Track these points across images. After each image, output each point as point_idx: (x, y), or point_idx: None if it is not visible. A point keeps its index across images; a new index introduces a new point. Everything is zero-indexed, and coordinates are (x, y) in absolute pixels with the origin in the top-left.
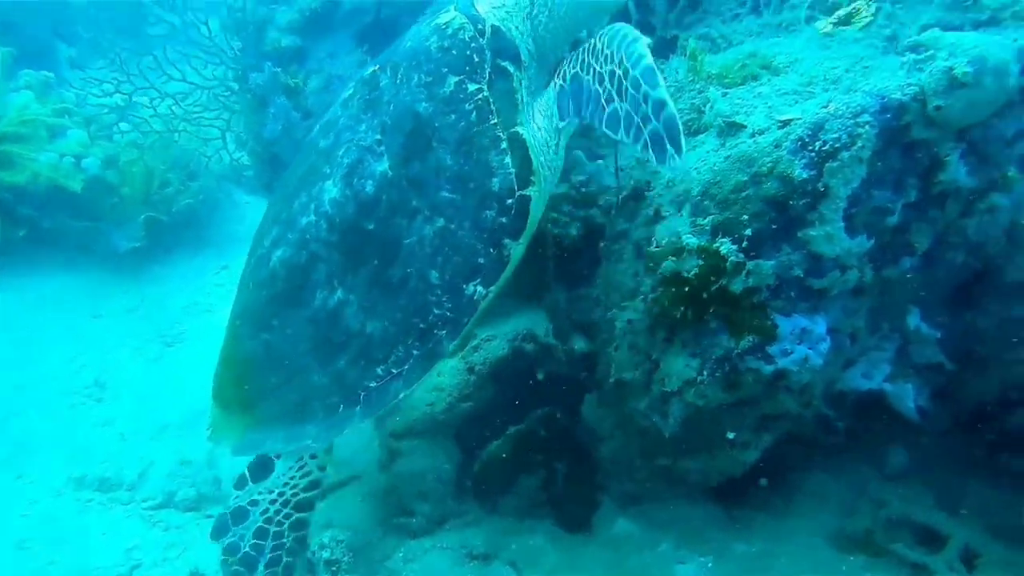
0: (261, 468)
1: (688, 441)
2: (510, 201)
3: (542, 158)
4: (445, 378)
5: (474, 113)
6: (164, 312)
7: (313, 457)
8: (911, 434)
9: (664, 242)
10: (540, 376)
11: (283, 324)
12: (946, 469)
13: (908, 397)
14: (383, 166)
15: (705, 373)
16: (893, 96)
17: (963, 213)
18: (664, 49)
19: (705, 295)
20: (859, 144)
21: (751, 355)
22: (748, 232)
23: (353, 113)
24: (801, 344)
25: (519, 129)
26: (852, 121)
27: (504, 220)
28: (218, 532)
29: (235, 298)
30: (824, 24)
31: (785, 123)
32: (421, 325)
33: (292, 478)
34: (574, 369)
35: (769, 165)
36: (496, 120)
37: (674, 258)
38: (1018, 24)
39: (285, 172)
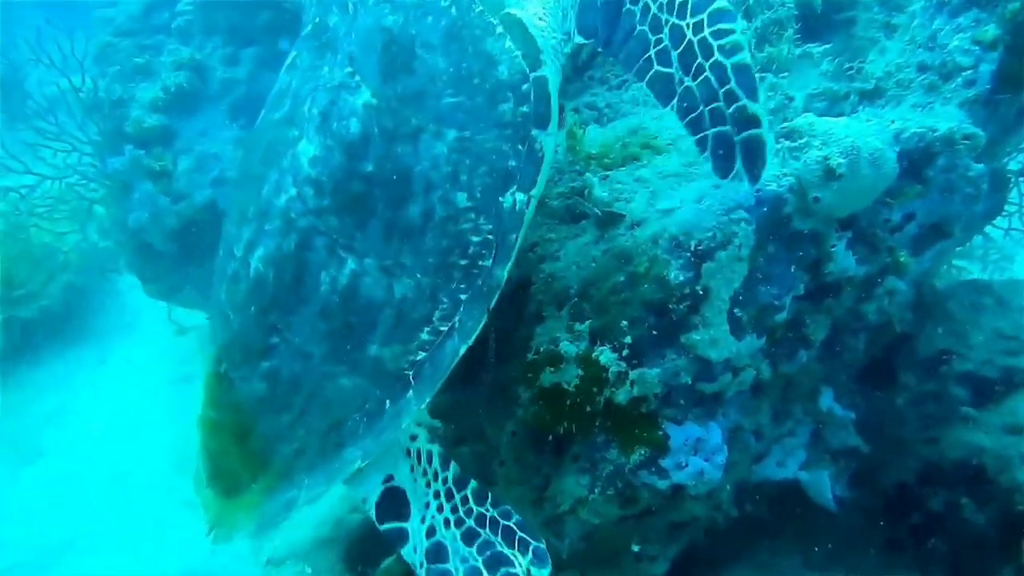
0: (391, 500)
1: (590, 557)
2: (525, 86)
3: (549, 41)
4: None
5: (453, 7)
6: (24, 422)
7: (413, 439)
8: (833, 520)
9: (543, 349)
10: None
11: (285, 338)
12: (870, 556)
13: (825, 486)
14: (364, 97)
15: (597, 491)
16: (769, 188)
17: (861, 299)
18: None
19: (589, 408)
20: (736, 242)
21: (644, 470)
22: (628, 340)
23: (306, 66)
24: (696, 455)
25: (510, 10)
26: (726, 218)
27: (525, 108)
28: None
29: (210, 348)
30: None
31: (666, 212)
32: (462, 261)
33: (433, 474)
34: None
35: (646, 265)
36: (481, 7)
37: (552, 368)
38: (901, 94)
39: (236, 173)
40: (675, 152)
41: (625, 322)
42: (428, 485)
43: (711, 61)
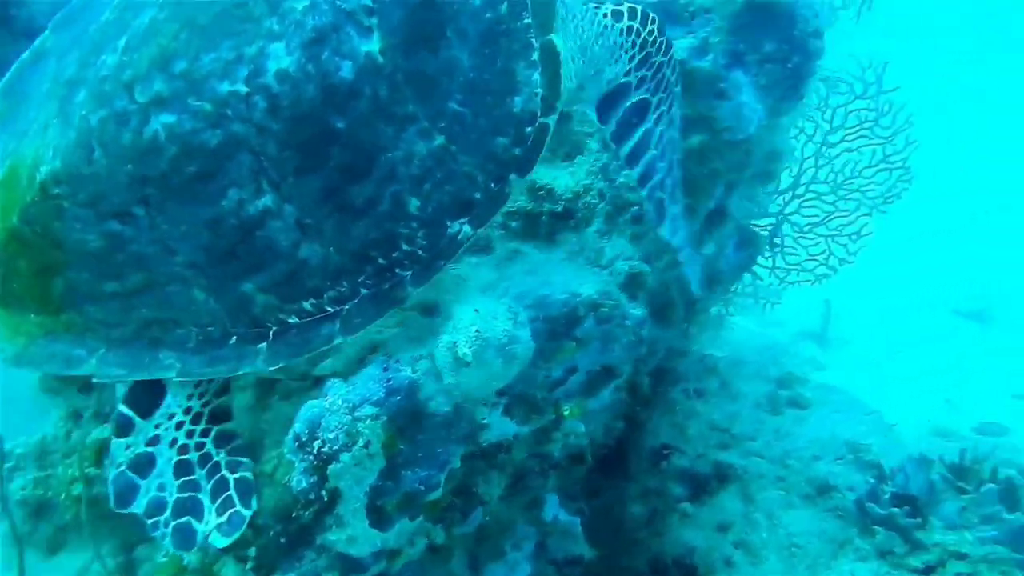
0: (147, 394)
1: None
2: (529, 129)
3: (569, 85)
4: None
5: (504, 4)
6: None
7: None
8: None
9: (166, 558)
10: None
11: (154, 220)
12: None
13: None
14: (372, 46)
15: None
16: (402, 375)
17: (540, 444)
18: None
19: None
20: (362, 442)
21: None
22: (251, 551)
23: None
24: None
25: (555, 38)
26: (350, 417)
27: (518, 152)
28: (121, 501)
29: (34, 144)
30: None
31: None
32: (381, 260)
33: (201, 394)
34: None
35: (274, 463)
36: (530, 20)
37: None
38: (589, 218)
39: None
40: None
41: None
42: (190, 397)
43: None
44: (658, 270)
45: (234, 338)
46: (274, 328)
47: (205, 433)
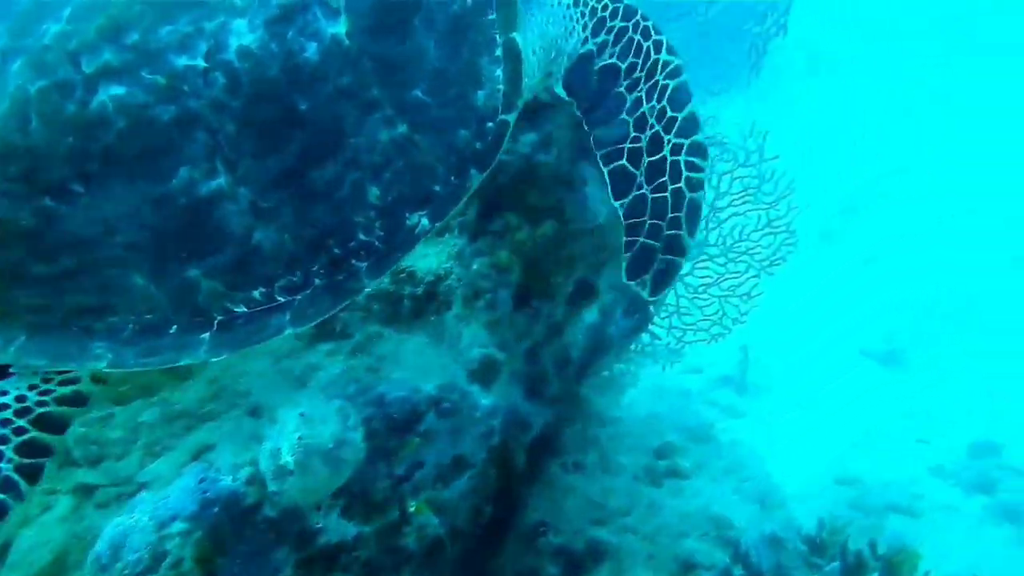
0: None
1: None
2: (490, 124)
3: (530, 82)
4: None
5: None
6: None
7: None
8: None
9: None
10: None
11: (95, 198)
12: None
13: None
14: (339, 28)
15: None
16: (221, 485)
17: (391, 538)
18: None
19: None
20: (169, 561)
21: None
22: None
23: None
24: None
25: (516, 37)
26: (156, 536)
27: (478, 145)
28: None
29: None
30: None
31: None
32: (336, 250)
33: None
34: None
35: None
36: (495, 16)
37: None
38: (449, 301)
39: None
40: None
41: None
42: (32, 388)
43: (675, 187)
44: (519, 354)
45: (174, 327)
46: (219, 317)
47: (20, 431)
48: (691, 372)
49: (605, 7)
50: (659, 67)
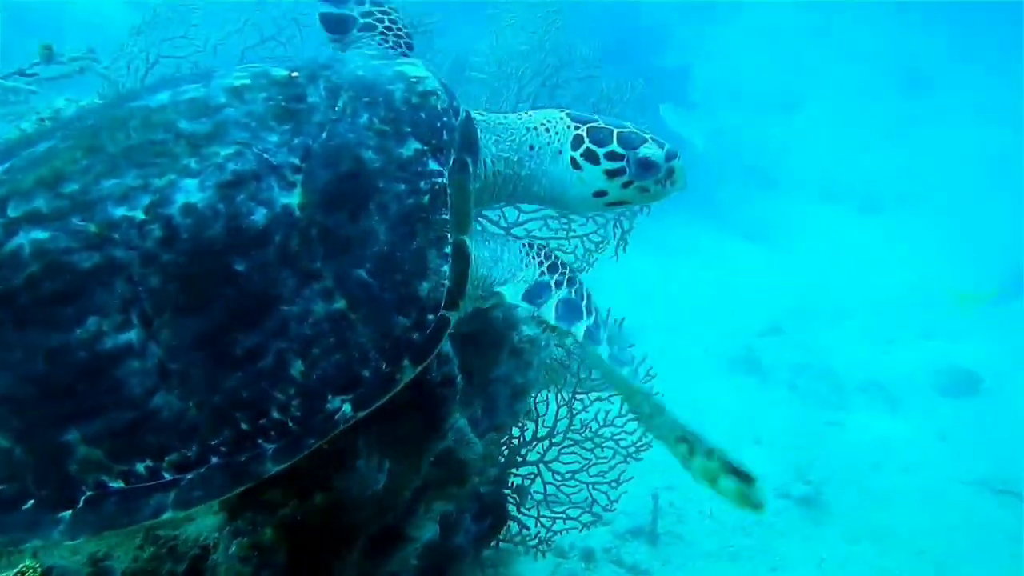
0: None
1: None
2: (431, 317)
3: (471, 289)
4: None
5: (428, 196)
6: None
7: None
8: None
9: None
10: None
11: None
12: None
13: None
14: (291, 199)
15: None
16: None
17: None
18: None
19: None
20: None
21: None
22: None
23: (258, 113)
24: None
25: (467, 240)
26: None
27: (416, 336)
28: None
29: None
30: None
31: None
32: (244, 425)
33: None
34: None
35: None
36: (448, 217)
37: None
38: None
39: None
40: None
41: None
42: None
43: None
44: None
45: (31, 501)
46: (89, 492)
47: None
48: (600, 525)
49: (553, 256)
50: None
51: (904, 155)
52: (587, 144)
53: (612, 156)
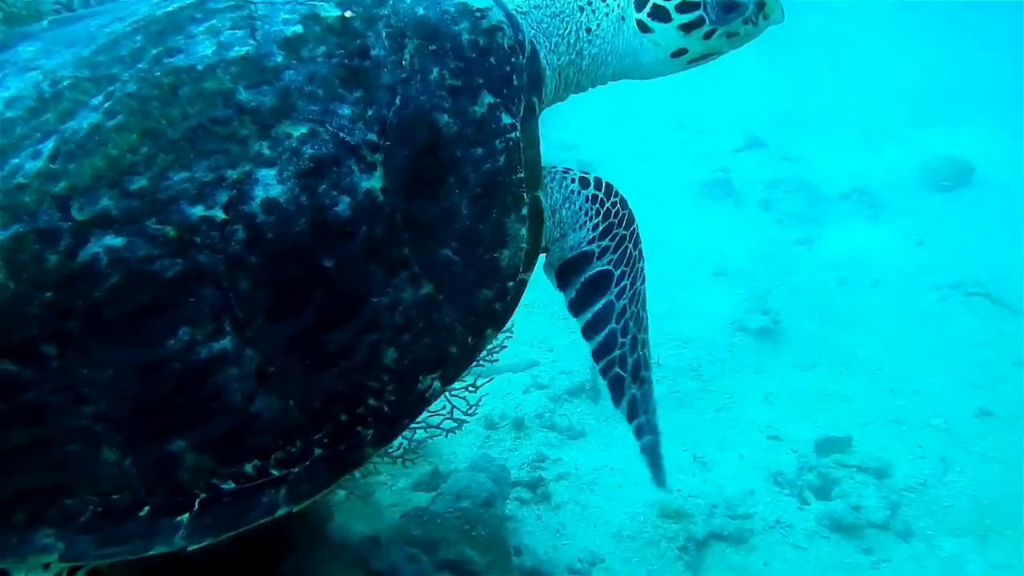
0: None
1: None
2: (511, 284)
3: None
4: None
5: (503, 157)
6: None
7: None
8: None
9: None
10: None
11: (72, 360)
12: None
13: None
14: (373, 183)
15: None
16: None
17: None
18: None
19: None
20: None
21: None
22: None
23: (322, 76)
24: None
25: (541, 197)
26: None
27: (498, 306)
28: None
29: None
30: None
31: None
32: (343, 416)
33: None
34: None
35: None
36: (523, 174)
37: None
38: None
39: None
40: None
41: None
42: None
43: (642, 375)
44: None
45: (146, 509)
46: (202, 495)
47: None
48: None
49: (617, 213)
50: (640, 276)
51: None
52: (652, 0)
53: (684, 7)
